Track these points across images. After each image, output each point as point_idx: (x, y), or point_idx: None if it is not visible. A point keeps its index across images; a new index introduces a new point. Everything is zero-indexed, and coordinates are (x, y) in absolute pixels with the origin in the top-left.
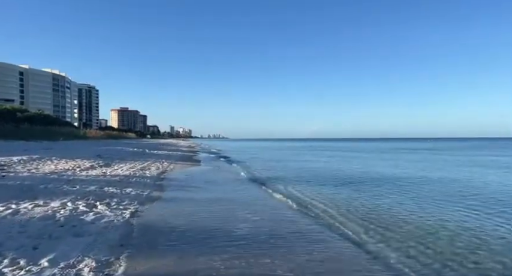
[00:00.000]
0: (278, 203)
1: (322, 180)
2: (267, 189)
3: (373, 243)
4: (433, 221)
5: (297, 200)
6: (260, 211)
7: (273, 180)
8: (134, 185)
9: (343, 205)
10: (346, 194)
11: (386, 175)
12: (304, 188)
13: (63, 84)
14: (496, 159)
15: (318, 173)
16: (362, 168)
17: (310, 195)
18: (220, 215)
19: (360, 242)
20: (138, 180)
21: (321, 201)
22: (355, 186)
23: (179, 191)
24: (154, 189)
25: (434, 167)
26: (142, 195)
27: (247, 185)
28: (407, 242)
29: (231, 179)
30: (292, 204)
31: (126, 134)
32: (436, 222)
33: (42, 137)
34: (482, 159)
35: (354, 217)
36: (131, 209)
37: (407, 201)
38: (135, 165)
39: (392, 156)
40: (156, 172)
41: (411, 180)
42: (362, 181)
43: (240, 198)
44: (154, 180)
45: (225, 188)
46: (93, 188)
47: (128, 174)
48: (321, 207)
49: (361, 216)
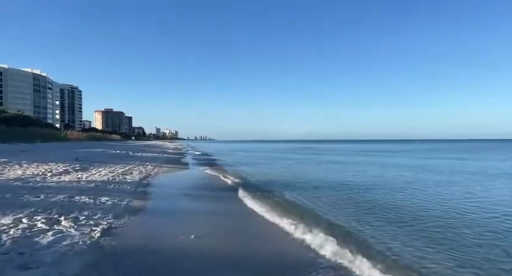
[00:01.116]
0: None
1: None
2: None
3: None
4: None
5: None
6: (257, 235)
7: (266, 186)
8: (112, 192)
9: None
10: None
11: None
12: (300, 196)
13: (45, 85)
14: (438, 163)
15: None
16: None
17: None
18: (211, 236)
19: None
20: (116, 187)
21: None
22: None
23: (163, 200)
24: (134, 198)
25: (354, 169)
26: (120, 205)
27: (236, 192)
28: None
29: (220, 185)
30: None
31: (110, 135)
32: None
33: (19, 139)
34: (423, 161)
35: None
36: (104, 225)
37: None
38: (116, 169)
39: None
40: (139, 177)
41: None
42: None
43: (232, 212)
44: (136, 187)
45: (215, 197)
46: (61, 198)
47: (106, 179)
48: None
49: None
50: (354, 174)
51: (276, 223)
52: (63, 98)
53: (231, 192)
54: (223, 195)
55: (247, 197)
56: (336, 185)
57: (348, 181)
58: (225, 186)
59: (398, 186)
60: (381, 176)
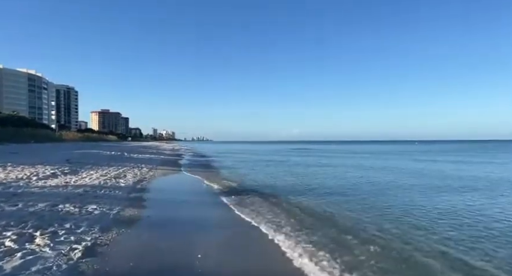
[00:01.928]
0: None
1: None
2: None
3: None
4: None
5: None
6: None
7: (270, 190)
8: (101, 199)
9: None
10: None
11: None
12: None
13: (40, 85)
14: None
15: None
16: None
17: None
18: (211, 256)
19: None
20: (107, 193)
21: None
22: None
23: (159, 209)
24: (126, 206)
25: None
26: (109, 215)
27: (239, 198)
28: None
29: (221, 190)
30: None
31: (107, 136)
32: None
33: (12, 140)
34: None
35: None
36: (87, 241)
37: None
38: (109, 172)
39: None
40: (133, 180)
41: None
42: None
43: (234, 226)
44: (129, 192)
45: (217, 203)
46: (42, 206)
47: (97, 183)
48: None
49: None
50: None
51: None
52: (59, 99)
53: (231, 198)
54: (224, 203)
55: (247, 208)
56: (351, 192)
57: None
58: (224, 192)
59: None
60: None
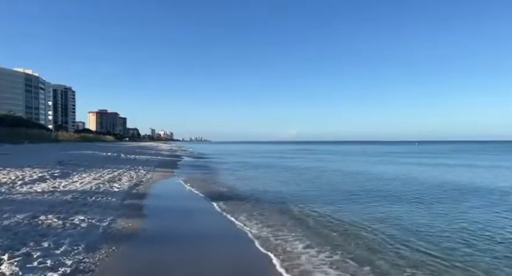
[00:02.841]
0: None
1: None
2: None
3: None
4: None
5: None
6: None
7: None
8: (91, 208)
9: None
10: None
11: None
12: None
13: (37, 85)
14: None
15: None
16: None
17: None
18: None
19: None
20: (99, 200)
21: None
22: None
23: (157, 219)
24: (119, 215)
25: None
26: (98, 228)
27: (249, 206)
28: None
29: (226, 194)
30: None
31: (104, 137)
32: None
33: (6, 140)
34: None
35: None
36: (67, 266)
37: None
38: (103, 174)
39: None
40: (128, 185)
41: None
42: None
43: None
44: (123, 199)
45: (218, 212)
46: (19, 218)
47: (89, 188)
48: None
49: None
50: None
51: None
52: (56, 99)
53: (236, 205)
54: (231, 210)
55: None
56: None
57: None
58: (226, 196)
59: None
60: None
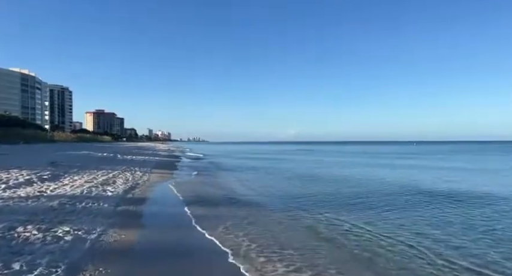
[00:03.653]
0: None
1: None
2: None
3: None
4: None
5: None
6: None
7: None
8: (80, 215)
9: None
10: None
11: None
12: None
13: (33, 85)
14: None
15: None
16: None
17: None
18: None
19: None
20: (89, 206)
21: None
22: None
23: (155, 228)
24: (111, 225)
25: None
26: (85, 242)
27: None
28: None
29: (231, 198)
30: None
31: (101, 137)
32: None
33: (1, 140)
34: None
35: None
36: None
37: None
38: (96, 176)
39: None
40: (123, 188)
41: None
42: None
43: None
44: (117, 204)
45: (224, 218)
46: None
47: (79, 193)
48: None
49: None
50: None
51: None
52: (52, 99)
53: (244, 211)
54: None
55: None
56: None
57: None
58: (234, 201)
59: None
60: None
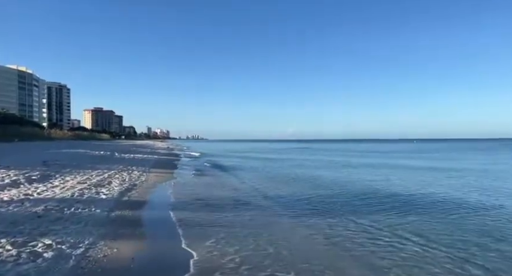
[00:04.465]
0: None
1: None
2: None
3: None
4: None
5: None
6: None
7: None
8: (67, 223)
9: None
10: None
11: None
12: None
13: (30, 82)
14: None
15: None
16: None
17: None
18: None
19: None
20: (79, 211)
21: None
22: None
23: (154, 240)
24: (102, 236)
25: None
26: (69, 259)
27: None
28: None
29: (235, 201)
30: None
31: (99, 135)
32: None
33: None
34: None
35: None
36: None
37: None
38: (91, 177)
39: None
40: (119, 189)
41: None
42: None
43: None
44: (111, 209)
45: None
46: None
47: (69, 195)
48: None
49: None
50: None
51: None
52: (50, 96)
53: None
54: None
55: None
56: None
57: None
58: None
59: None
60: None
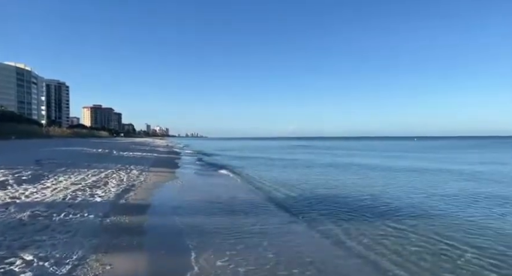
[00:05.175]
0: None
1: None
2: None
3: None
4: None
5: None
6: None
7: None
8: (54, 233)
9: None
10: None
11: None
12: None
13: (29, 79)
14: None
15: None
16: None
17: None
18: None
19: None
20: (69, 218)
21: None
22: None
23: (152, 254)
24: (94, 249)
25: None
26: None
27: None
28: None
29: (242, 204)
30: None
31: (98, 132)
32: None
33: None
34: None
35: None
36: None
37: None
38: (86, 177)
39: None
40: (115, 191)
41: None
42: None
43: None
44: (105, 214)
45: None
46: None
47: (61, 198)
48: None
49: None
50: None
51: None
52: (49, 94)
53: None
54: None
55: None
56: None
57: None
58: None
59: None
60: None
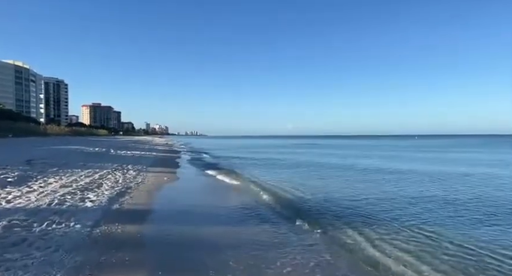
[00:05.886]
0: None
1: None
2: None
3: None
4: None
5: None
6: None
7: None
8: (30, 248)
9: None
10: None
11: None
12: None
13: (27, 77)
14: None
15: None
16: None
17: None
18: None
19: None
20: (52, 228)
21: None
22: None
23: (151, 272)
24: (77, 270)
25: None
26: None
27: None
28: None
29: (249, 210)
30: None
31: (97, 130)
32: None
33: None
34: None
35: None
36: None
37: None
38: (79, 178)
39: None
40: (109, 194)
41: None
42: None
43: None
44: (96, 223)
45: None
46: None
47: (47, 203)
48: None
49: None
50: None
51: None
52: (48, 92)
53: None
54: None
55: None
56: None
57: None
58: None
59: None
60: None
